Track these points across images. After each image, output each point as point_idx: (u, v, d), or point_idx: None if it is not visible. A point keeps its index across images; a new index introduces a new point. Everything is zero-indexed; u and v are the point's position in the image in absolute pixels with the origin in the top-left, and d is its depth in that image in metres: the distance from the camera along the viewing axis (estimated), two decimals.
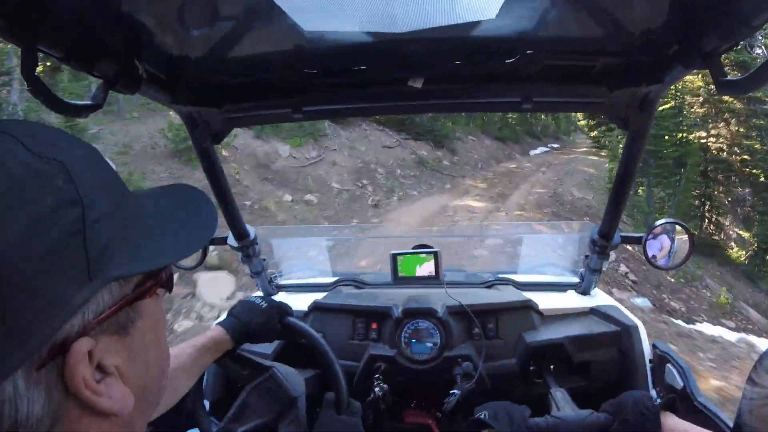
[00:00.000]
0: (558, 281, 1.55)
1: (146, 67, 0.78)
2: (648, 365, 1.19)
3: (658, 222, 1.24)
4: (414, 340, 1.25)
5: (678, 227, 1.22)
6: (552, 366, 1.28)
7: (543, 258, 1.78)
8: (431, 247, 1.49)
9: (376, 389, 1.18)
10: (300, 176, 8.68)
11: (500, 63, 0.83)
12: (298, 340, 1.07)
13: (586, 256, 1.37)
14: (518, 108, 0.94)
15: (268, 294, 1.56)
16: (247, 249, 1.39)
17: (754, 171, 13.43)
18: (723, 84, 0.63)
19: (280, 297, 1.56)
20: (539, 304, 1.34)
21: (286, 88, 0.93)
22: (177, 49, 0.77)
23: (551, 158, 18.23)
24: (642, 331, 1.23)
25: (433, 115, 12.00)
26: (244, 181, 7.60)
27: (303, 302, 1.41)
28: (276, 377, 0.96)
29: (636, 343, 1.21)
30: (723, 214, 14.59)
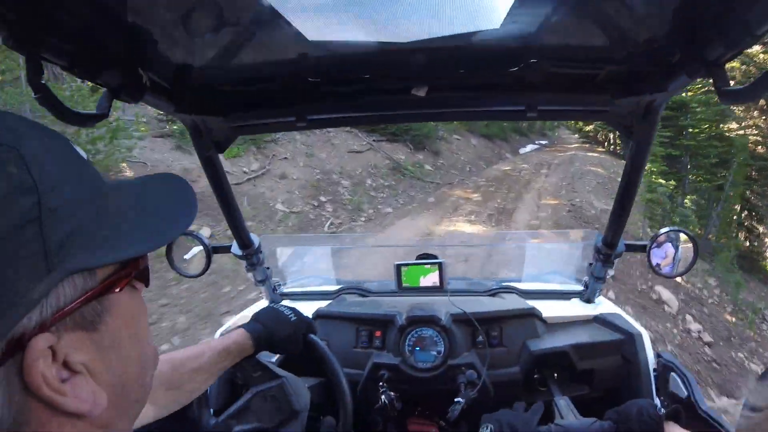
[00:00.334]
0: (562, 289, 1.54)
1: (150, 76, 0.79)
2: (652, 373, 1.18)
3: (662, 230, 1.24)
4: (418, 348, 1.25)
5: (682, 235, 1.22)
6: (556, 374, 1.28)
7: (547, 266, 1.77)
8: (435, 257, 1.48)
9: (383, 397, 1.17)
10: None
11: (505, 71, 0.84)
12: (315, 359, 1.05)
13: (590, 264, 1.36)
14: (523, 116, 0.95)
15: (273, 302, 1.56)
16: (252, 257, 1.39)
17: None
18: (725, 93, 0.62)
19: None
20: (543, 312, 1.34)
21: (290, 97, 0.94)
22: (181, 58, 0.78)
23: (547, 157, 16.80)
24: (646, 339, 1.22)
25: None
26: None
27: (307, 310, 1.40)
28: (285, 388, 0.95)
29: (640, 351, 1.20)
30: (760, 221, 12.36)
